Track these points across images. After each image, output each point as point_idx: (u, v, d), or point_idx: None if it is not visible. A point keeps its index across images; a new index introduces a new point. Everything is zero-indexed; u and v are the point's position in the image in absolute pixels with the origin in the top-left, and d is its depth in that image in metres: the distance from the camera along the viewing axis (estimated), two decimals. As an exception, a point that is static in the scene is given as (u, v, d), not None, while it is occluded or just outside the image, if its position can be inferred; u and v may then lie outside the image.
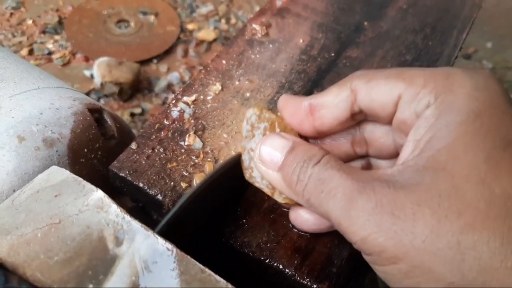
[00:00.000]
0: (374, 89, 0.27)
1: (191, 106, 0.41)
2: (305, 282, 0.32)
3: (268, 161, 0.29)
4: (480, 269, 0.21)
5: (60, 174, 0.30)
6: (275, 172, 0.28)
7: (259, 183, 0.31)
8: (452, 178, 0.22)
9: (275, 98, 0.43)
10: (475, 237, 0.21)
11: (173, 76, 1.12)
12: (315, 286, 0.32)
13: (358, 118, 0.30)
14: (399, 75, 0.27)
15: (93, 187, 0.27)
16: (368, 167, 0.33)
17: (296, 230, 0.34)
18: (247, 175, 0.32)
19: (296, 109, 0.30)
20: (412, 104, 0.26)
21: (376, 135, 0.31)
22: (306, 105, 0.29)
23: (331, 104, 0.29)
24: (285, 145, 0.28)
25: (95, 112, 0.39)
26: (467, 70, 0.26)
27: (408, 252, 0.22)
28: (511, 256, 0.21)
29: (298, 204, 0.30)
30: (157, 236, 0.25)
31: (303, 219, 0.32)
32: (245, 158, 0.32)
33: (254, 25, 0.48)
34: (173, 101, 0.42)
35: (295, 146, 0.28)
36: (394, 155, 0.31)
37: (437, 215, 0.22)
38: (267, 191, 0.31)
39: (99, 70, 1.02)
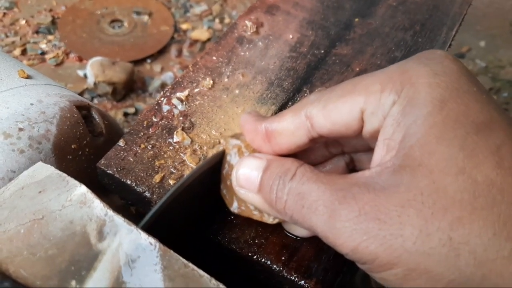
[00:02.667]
0: (332, 113, 0.26)
1: (184, 103, 0.41)
2: (293, 278, 0.32)
3: (246, 184, 0.28)
4: (476, 263, 0.21)
5: (45, 170, 0.30)
6: (255, 194, 0.28)
7: (244, 211, 0.31)
8: (430, 173, 0.22)
9: (264, 95, 0.43)
10: (466, 231, 0.21)
11: (167, 76, 1.12)
12: (302, 282, 0.32)
13: (318, 141, 0.28)
14: (353, 90, 0.25)
15: (76, 182, 0.27)
16: (351, 161, 0.33)
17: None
18: (232, 208, 0.32)
19: (254, 134, 0.29)
20: (379, 112, 0.24)
21: (348, 137, 0.29)
22: (262, 130, 0.28)
23: (287, 132, 0.27)
24: (259, 164, 0.27)
25: (83, 109, 0.39)
26: (419, 59, 0.25)
27: (400, 256, 0.22)
28: (506, 245, 0.20)
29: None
30: (140, 231, 0.25)
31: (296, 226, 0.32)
32: (225, 192, 0.32)
33: (246, 22, 0.48)
34: (162, 98, 0.42)
35: (269, 164, 0.27)
36: (368, 148, 0.30)
37: (423, 214, 0.21)
38: (256, 217, 0.31)
39: (92, 70, 1.02)
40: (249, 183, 0.28)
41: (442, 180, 0.22)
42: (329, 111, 0.26)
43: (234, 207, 0.31)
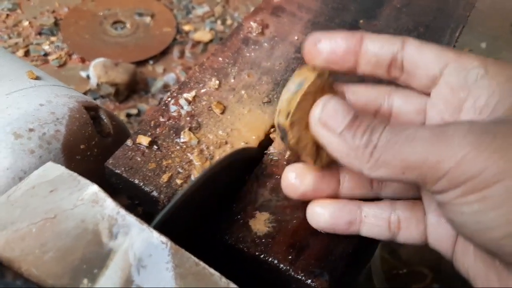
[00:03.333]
0: (425, 49, 0.28)
1: (191, 103, 0.41)
2: (300, 277, 0.33)
3: (331, 124, 0.27)
4: None
5: (56, 170, 0.30)
6: (336, 136, 0.26)
7: (303, 150, 0.30)
8: None
9: (270, 96, 0.43)
10: None
11: (170, 77, 1.12)
12: (309, 281, 0.32)
13: (392, 73, 0.29)
14: (450, 48, 0.28)
15: (88, 181, 0.28)
16: None
17: (290, 226, 0.35)
18: (292, 143, 0.29)
19: (347, 39, 0.29)
20: (461, 72, 0.26)
21: (406, 110, 0.31)
22: (358, 34, 0.29)
23: (380, 42, 0.29)
24: (349, 110, 0.27)
25: (91, 110, 0.40)
26: None
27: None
28: None
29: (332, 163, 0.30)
30: (151, 229, 0.25)
31: (318, 214, 0.33)
32: (294, 129, 0.29)
33: (251, 23, 0.48)
34: (169, 99, 0.42)
35: (358, 114, 0.27)
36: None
37: None
38: (311, 158, 0.30)
39: (95, 71, 1.02)
40: (334, 124, 0.26)
41: None
42: (423, 46, 0.28)
43: (296, 146, 0.30)
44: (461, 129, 0.23)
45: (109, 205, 0.26)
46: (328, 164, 0.31)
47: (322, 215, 0.32)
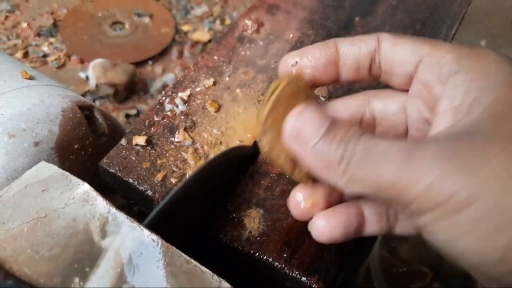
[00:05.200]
0: (399, 45, 0.27)
1: (186, 103, 0.41)
2: (295, 275, 0.32)
3: (302, 137, 0.25)
4: None
5: (48, 170, 0.30)
6: (307, 149, 0.25)
7: (277, 159, 0.28)
8: None
9: (265, 94, 0.43)
10: None
11: (168, 77, 1.12)
12: (304, 279, 0.32)
13: (373, 72, 0.29)
14: (425, 40, 0.27)
15: (79, 180, 0.27)
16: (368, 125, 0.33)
17: (285, 225, 0.34)
18: (266, 152, 0.28)
19: (324, 48, 0.29)
20: (435, 68, 0.26)
21: (388, 112, 0.30)
22: (332, 44, 0.29)
23: (356, 45, 0.29)
24: (323, 122, 0.25)
25: (85, 109, 0.40)
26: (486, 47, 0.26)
27: (486, 187, 0.20)
28: None
29: (314, 181, 0.29)
30: (142, 228, 0.25)
31: (329, 228, 0.29)
32: (265, 137, 0.28)
33: (246, 21, 0.48)
34: (164, 98, 0.42)
35: (333, 124, 0.25)
36: (401, 135, 0.31)
37: (510, 152, 0.20)
38: (286, 168, 0.28)
39: (94, 72, 1.02)
40: (306, 137, 0.25)
41: None
42: (397, 43, 0.27)
43: (270, 153, 0.28)
44: (429, 151, 0.22)
45: (100, 203, 0.26)
46: (309, 176, 0.29)
47: (331, 232, 0.29)
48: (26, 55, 1.11)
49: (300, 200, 0.30)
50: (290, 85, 0.27)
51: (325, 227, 0.29)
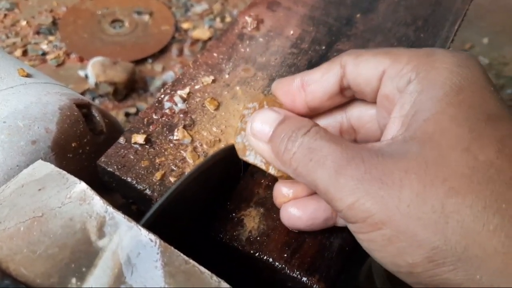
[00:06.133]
0: (361, 63, 0.28)
1: (185, 100, 0.41)
2: (295, 275, 0.32)
3: (259, 133, 0.29)
4: (462, 232, 0.21)
5: (45, 168, 0.30)
6: (265, 144, 0.29)
7: (253, 159, 0.31)
8: (439, 147, 0.23)
9: (265, 92, 0.42)
10: (459, 200, 0.22)
11: (168, 75, 1.12)
12: (305, 279, 0.32)
13: (346, 94, 0.30)
14: (387, 52, 0.28)
15: (76, 179, 0.27)
16: (346, 130, 0.34)
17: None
18: (240, 154, 0.32)
19: (288, 87, 0.31)
20: (395, 79, 0.26)
21: (363, 120, 0.31)
22: (298, 81, 0.31)
23: (322, 78, 0.30)
24: (276, 117, 0.29)
25: (83, 107, 0.39)
26: (448, 51, 0.27)
27: (393, 216, 0.22)
28: (493, 219, 0.21)
29: (290, 178, 0.30)
30: (140, 227, 0.25)
31: (296, 217, 0.31)
32: (237, 140, 0.32)
33: (246, 18, 0.48)
34: (162, 96, 0.41)
35: (285, 119, 0.28)
36: (380, 139, 0.31)
37: (423, 181, 0.22)
38: (261, 165, 0.31)
39: (93, 70, 1.02)
40: (262, 132, 0.29)
41: (448, 155, 0.23)
42: (359, 62, 0.28)
43: (244, 154, 0.32)
44: (358, 170, 0.23)
45: (97, 203, 0.26)
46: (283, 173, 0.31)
47: (299, 218, 0.32)
48: (25, 53, 1.11)
49: (284, 193, 0.32)
50: (265, 101, 0.32)
51: (294, 215, 0.32)
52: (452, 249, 0.21)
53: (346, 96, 0.31)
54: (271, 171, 0.31)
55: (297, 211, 0.31)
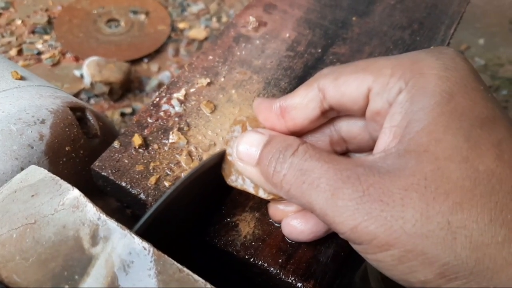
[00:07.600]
0: (343, 86, 0.27)
1: (181, 103, 0.41)
2: (290, 281, 0.32)
3: (245, 157, 0.28)
4: (472, 246, 0.21)
5: (38, 174, 0.29)
6: (253, 168, 0.28)
7: (241, 184, 0.31)
8: (435, 160, 0.22)
9: (261, 95, 0.42)
10: (464, 215, 0.21)
11: (164, 76, 1.11)
12: (300, 284, 0.32)
13: (329, 115, 0.29)
14: (366, 68, 0.26)
15: (69, 186, 0.27)
16: (337, 142, 0.32)
17: (280, 230, 0.34)
18: (228, 180, 0.31)
19: (268, 112, 0.30)
20: (384, 94, 0.26)
21: (353, 133, 0.31)
22: (277, 108, 0.29)
23: (301, 105, 0.29)
24: (261, 139, 0.28)
25: (77, 111, 0.39)
26: (432, 52, 0.26)
27: (399, 237, 0.22)
28: (501, 231, 0.21)
29: (282, 199, 0.29)
30: (133, 235, 0.24)
31: (298, 230, 0.31)
32: (224, 165, 0.32)
33: (250, 17, 0.48)
34: (157, 99, 0.41)
35: (271, 139, 0.28)
36: (373, 148, 0.30)
37: (425, 198, 0.22)
38: (251, 190, 0.31)
39: (89, 70, 1.01)
40: (249, 156, 0.28)
41: (447, 167, 0.22)
42: (340, 83, 0.27)
43: (232, 180, 0.31)
44: (356, 193, 0.23)
45: (90, 210, 0.25)
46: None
47: (301, 232, 0.31)
48: (20, 52, 1.10)
49: (281, 209, 0.32)
50: (247, 122, 0.31)
51: (296, 229, 0.31)
52: (464, 263, 0.21)
53: (329, 117, 0.30)
54: (261, 194, 0.30)
55: (299, 224, 0.31)
